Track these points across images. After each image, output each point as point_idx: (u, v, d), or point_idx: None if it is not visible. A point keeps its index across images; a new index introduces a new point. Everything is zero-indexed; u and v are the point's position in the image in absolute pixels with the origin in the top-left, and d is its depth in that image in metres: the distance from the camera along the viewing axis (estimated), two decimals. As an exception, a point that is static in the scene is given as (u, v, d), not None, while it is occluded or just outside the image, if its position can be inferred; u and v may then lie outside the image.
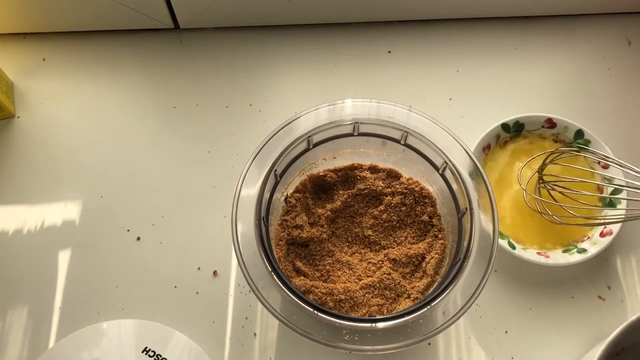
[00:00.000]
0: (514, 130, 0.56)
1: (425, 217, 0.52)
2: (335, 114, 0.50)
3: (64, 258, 0.54)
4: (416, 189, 0.52)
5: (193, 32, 0.65)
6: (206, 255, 0.54)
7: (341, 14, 0.65)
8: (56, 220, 0.56)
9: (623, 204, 0.53)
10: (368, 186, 0.53)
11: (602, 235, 0.52)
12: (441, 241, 0.50)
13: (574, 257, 0.51)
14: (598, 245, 0.52)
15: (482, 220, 0.46)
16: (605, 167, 0.54)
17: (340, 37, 0.65)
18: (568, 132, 0.56)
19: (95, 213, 0.56)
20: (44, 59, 0.64)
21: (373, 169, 0.54)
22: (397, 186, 0.53)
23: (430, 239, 0.51)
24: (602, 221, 0.52)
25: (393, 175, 0.54)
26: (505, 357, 0.51)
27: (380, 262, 0.50)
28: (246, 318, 0.52)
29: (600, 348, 0.42)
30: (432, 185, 0.52)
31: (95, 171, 0.58)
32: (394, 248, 0.51)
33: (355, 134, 0.51)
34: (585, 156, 0.55)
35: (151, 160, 0.59)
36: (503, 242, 0.51)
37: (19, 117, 0.61)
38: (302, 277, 0.49)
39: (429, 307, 0.43)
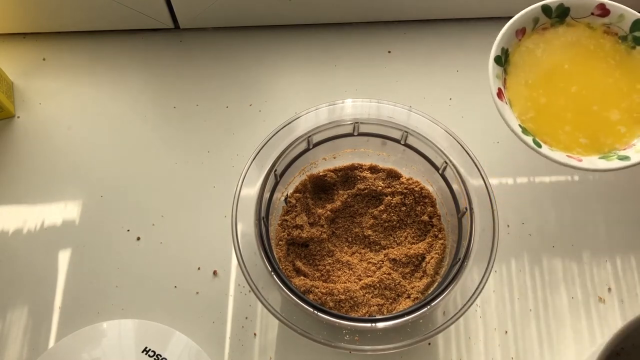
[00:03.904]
0: (556, 16, 0.47)
1: (425, 217, 0.52)
2: (335, 114, 0.50)
3: (64, 258, 0.54)
4: (416, 189, 0.52)
5: (193, 32, 0.65)
6: (206, 255, 0.54)
7: (341, 14, 0.65)
8: (56, 220, 0.56)
9: None
10: (368, 186, 0.53)
11: None
12: (441, 241, 0.50)
13: (613, 164, 0.44)
14: None
15: (482, 220, 0.46)
16: None
17: (340, 37, 0.65)
18: (624, 22, 0.46)
19: (95, 213, 0.56)
20: (44, 59, 0.64)
21: (373, 169, 0.54)
22: (397, 186, 0.53)
23: (430, 239, 0.51)
24: None
25: (393, 175, 0.54)
26: (505, 357, 0.51)
27: (380, 262, 0.50)
28: (246, 318, 0.52)
29: (600, 348, 0.42)
30: (432, 185, 0.52)
31: (95, 171, 0.58)
32: (394, 248, 0.51)
33: (355, 134, 0.51)
34: None
35: (151, 160, 0.59)
36: (527, 139, 0.44)
37: (19, 117, 0.61)
38: (302, 277, 0.49)
39: (429, 307, 0.43)
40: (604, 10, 0.46)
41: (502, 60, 0.44)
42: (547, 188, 0.57)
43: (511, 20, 0.46)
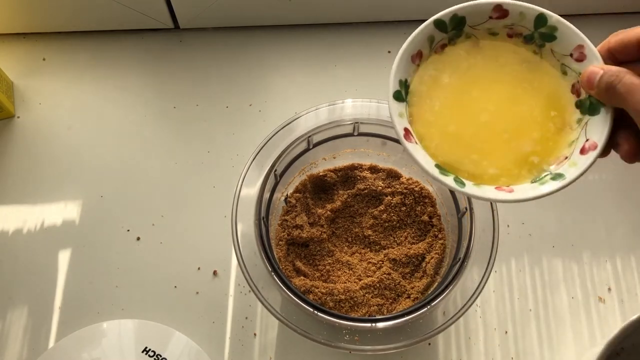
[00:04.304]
0: (452, 29, 0.41)
1: (425, 217, 0.52)
2: (335, 114, 0.50)
3: (64, 258, 0.54)
4: (416, 189, 0.52)
5: (193, 32, 0.65)
6: (206, 255, 0.54)
7: (341, 14, 0.65)
8: (56, 220, 0.56)
9: (609, 107, 0.37)
10: (368, 186, 0.53)
11: (583, 152, 0.38)
12: (441, 241, 0.50)
13: (547, 187, 0.37)
14: (579, 166, 0.37)
15: (482, 220, 0.46)
16: (580, 59, 0.38)
17: (340, 37, 0.65)
18: (526, 19, 0.40)
19: (95, 213, 0.56)
20: (44, 59, 0.64)
21: (373, 169, 0.54)
22: (397, 186, 0.53)
23: (430, 239, 0.51)
24: None
25: (393, 175, 0.54)
26: (505, 357, 0.51)
27: (380, 262, 0.50)
28: (246, 318, 0.52)
29: (600, 348, 0.42)
30: (432, 185, 0.52)
31: (95, 171, 0.58)
32: (394, 248, 0.51)
33: (355, 134, 0.51)
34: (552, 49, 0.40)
35: (151, 160, 0.59)
36: (447, 180, 0.37)
37: (18, 117, 0.61)
38: (302, 277, 0.49)
39: (429, 307, 0.43)
40: (502, 12, 0.40)
41: (403, 94, 0.38)
42: (547, 188, 0.57)
43: (403, 47, 0.39)
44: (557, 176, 0.38)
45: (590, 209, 0.56)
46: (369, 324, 0.43)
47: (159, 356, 0.49)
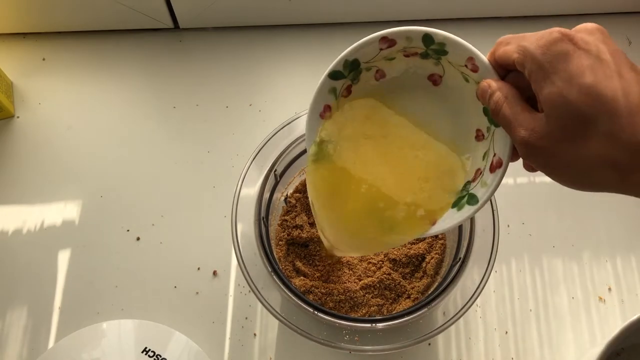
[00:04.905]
0: (349, 72, 0.42)
1: (425, 217, 0.52)
2: (335, 114, 0.50)
3: (64, 258, 0.54)
4: (416, 189, 0.52)
5: (193, 32, 0.65)
6: (206, 255, 0.54)
7: (341, 14, 0.65)
8: (56, 220, 0.56)
9: None
10: (368, 186, 0.53)
11: (492, 169, 0.37)
12: (441, 241, 0.50)
13: (462, 213, 0.38)
14: (488, 186, 0.37)
15: (482, 220, 0.46)
16: (475, 70, 0.37)
17: (340, 37, 0.65)
18: (414, 42, 0.39)
19: (95, 213, 0.56)
20: (43, 59, 0.64)
21: (373, 169, 0.54)
22: (397, 186, 0.53)
23: (430, 239, 0.51)
24: None
25: (393, 175, 0.54)
26: (505, 357, 0.51)
27: (380, 262, 0.50)
28: (246, 318, 0.52)
29: (600, 348, 0.42)
30: (432, 185, 0.52)
31: (95, 171, 0.58)
32: (393, 248, 0.51)
33: (355, 134, 0.51)
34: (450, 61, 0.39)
35: (151, 160, 0.59)
36: None
37: (18, 117, 0.61)
38: (302, 277, 0.49)
39: (429, 307, 0.43)
40: (389, 42, 0.40)
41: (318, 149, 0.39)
42: (547, 188, 0.57)
43: (308, 112, 0.40)
44: (470, 199, 0.38)
45: (590, 209, 0.56)
46: (369, 324, 0.43)
47: (158, 356, 0.49)
